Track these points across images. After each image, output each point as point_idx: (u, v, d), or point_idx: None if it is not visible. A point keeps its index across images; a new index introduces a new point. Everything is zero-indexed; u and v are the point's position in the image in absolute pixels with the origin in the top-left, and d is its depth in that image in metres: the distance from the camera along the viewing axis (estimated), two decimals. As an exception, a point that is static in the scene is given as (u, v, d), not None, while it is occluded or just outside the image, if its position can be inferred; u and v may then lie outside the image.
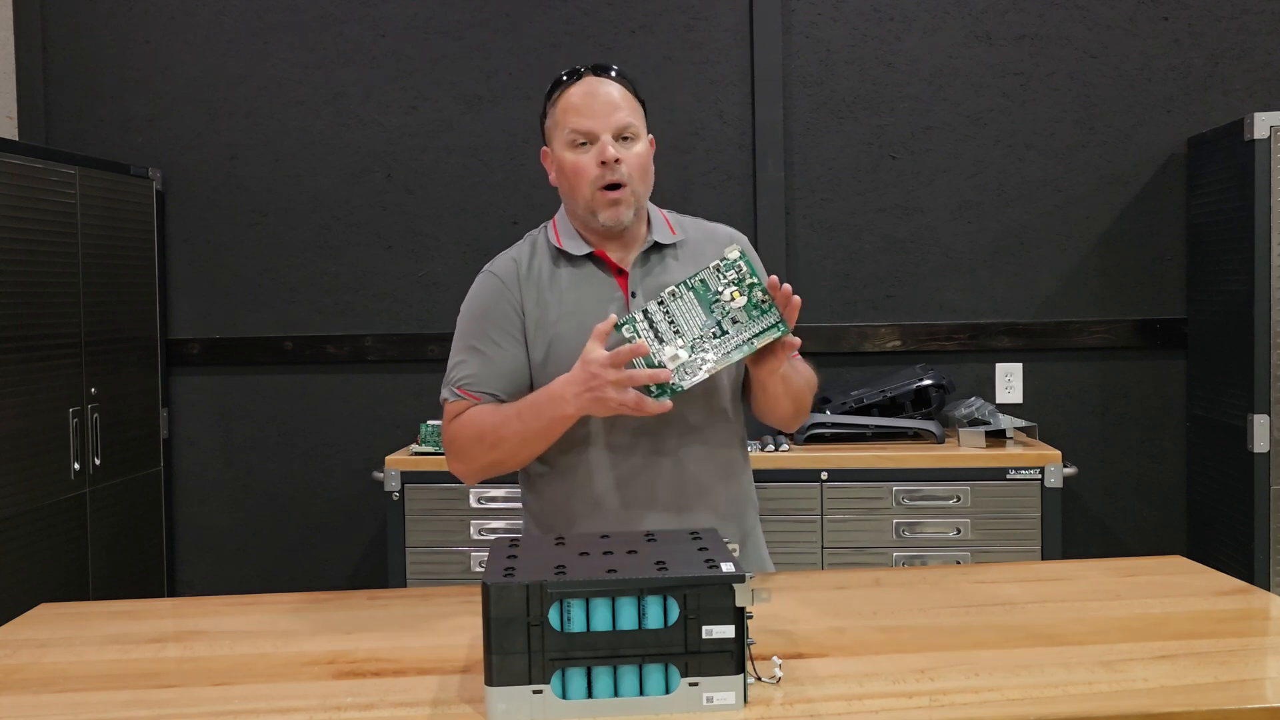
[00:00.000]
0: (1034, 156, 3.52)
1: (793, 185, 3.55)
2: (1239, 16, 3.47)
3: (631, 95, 1.81)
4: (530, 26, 3.57)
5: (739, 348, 1.64)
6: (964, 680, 1.37)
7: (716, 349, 1.64)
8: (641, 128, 1.80)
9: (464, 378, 1.81)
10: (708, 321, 1.64)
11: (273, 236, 3.64)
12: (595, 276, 1.82)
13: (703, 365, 1.64)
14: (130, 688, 1.43)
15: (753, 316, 1.64)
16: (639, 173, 1.78)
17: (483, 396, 1.79)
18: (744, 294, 1.64)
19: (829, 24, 3.53)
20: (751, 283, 1.64)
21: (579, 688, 1.28)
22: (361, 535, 3.66)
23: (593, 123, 1.75)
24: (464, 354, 1.82)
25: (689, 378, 1.63)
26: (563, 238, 1.83)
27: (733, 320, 1.64)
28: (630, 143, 1.77)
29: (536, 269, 1.83)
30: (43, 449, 2.97)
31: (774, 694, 1.33)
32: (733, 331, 1.64)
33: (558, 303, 1.80)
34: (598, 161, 1.75)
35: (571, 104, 1.77)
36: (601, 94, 1.77)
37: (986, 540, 3.03)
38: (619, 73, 1.82)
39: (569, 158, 1.77)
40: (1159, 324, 3.51)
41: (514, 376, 1.80)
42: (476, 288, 1.86)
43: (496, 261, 1.87)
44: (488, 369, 1.80)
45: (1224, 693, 1.31)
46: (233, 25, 3.62)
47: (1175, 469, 3.54)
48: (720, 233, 1.93)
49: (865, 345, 3.53)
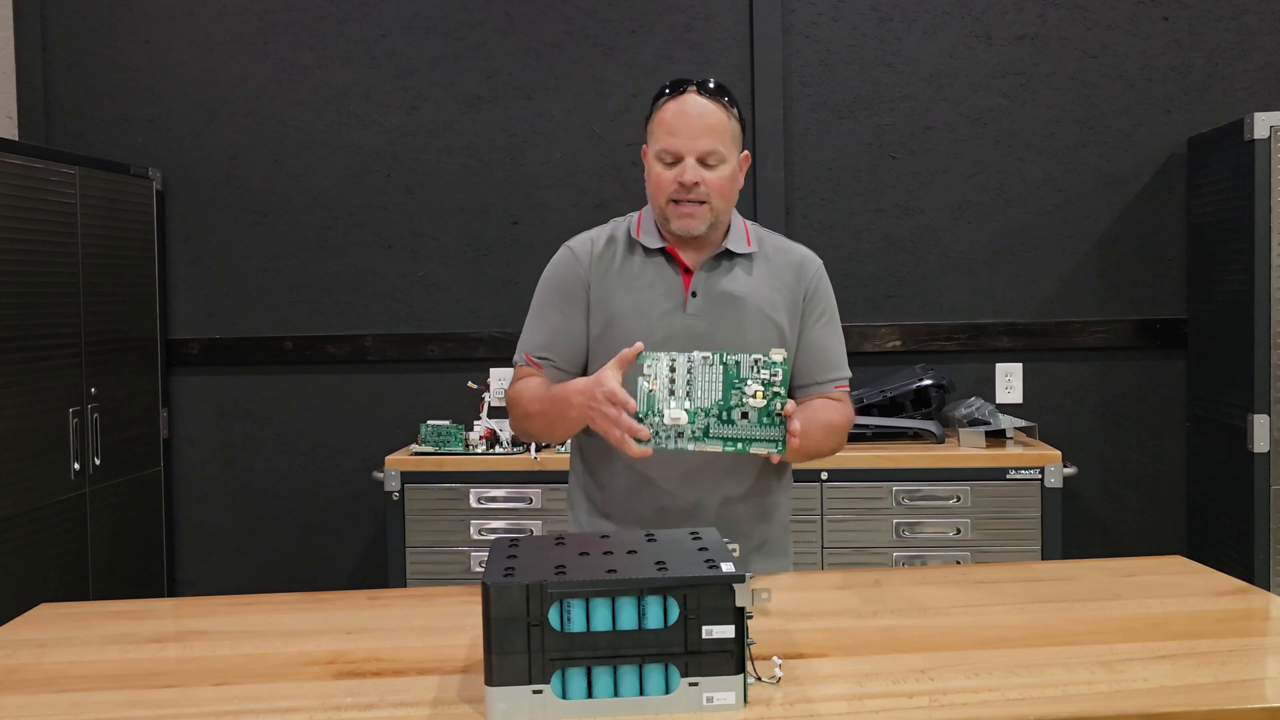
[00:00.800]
0: (1034, 156, 3.52)
1: (793, 185, 3.55)
2: (1239, 16, 3.47)
3: (729, 116, 1.85)
4: (530, 26, 3.57)
5: (731, 443, 1.62)
6: (964, 680, 1.36)
7: (713, 432, 1.62)
8: (731, 151, 1.85)
9: (531, 343, 1.94)
10: (721, 403, 1.62)
11: (273, 236, 3.64)
12: (663, 269, 1.90)
13: (692, 441, 1.62)
14: (130, 688, 1.43)
15: (762, 423, 1.62)
16: (718, 194, 1.84)
17: (544, 365, 1.91)
18: (767, 398, 1.62)
19: (829, 24, 3.53)
20: (778, 392, 1.62)
21: (579, 688, 1.27)
22: (361, 535, 3.66)
23: (679, 144, 1.82)
24: (535, 319, 1.96)
25: (670, 444, 1.63)
26: (643, 231, 1.92)
27: (743, 415, 1.62)
28: (716, 166, 1.83)
29: (611, 252, 1.93)
30: (43, 449, 2.97)
31: (774, 694, 1.33)
32: (737, 425, 1.62)
33: (621, 285, 1.90)
34: (676, 180, 1.82)
35: (665, 120, 1.84)
36: (694, 115, 1.82)
37: (986, 540, 3.03)
38: (720, 90, 1.86)
39: (655, 169, 1.86)
40: (1159, 324, 3.51)
41: (574, 345, 1.91)
42: (557, 258, 1.97)
43: (576, 238, 1.97)
44: (552, 337, 1.92)
45: (1224, 693, 1.31)
46: (233, 25, 3.61)
47: (1175, 469, 3.54)
48: (794, 252, 1.98)
49: (865, 345, 3.53)
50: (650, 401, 1.63)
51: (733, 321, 1.88)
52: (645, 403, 1.63)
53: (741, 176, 1.91)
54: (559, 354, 1.92)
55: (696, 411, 1.62)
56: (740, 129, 1.90)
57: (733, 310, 1.88)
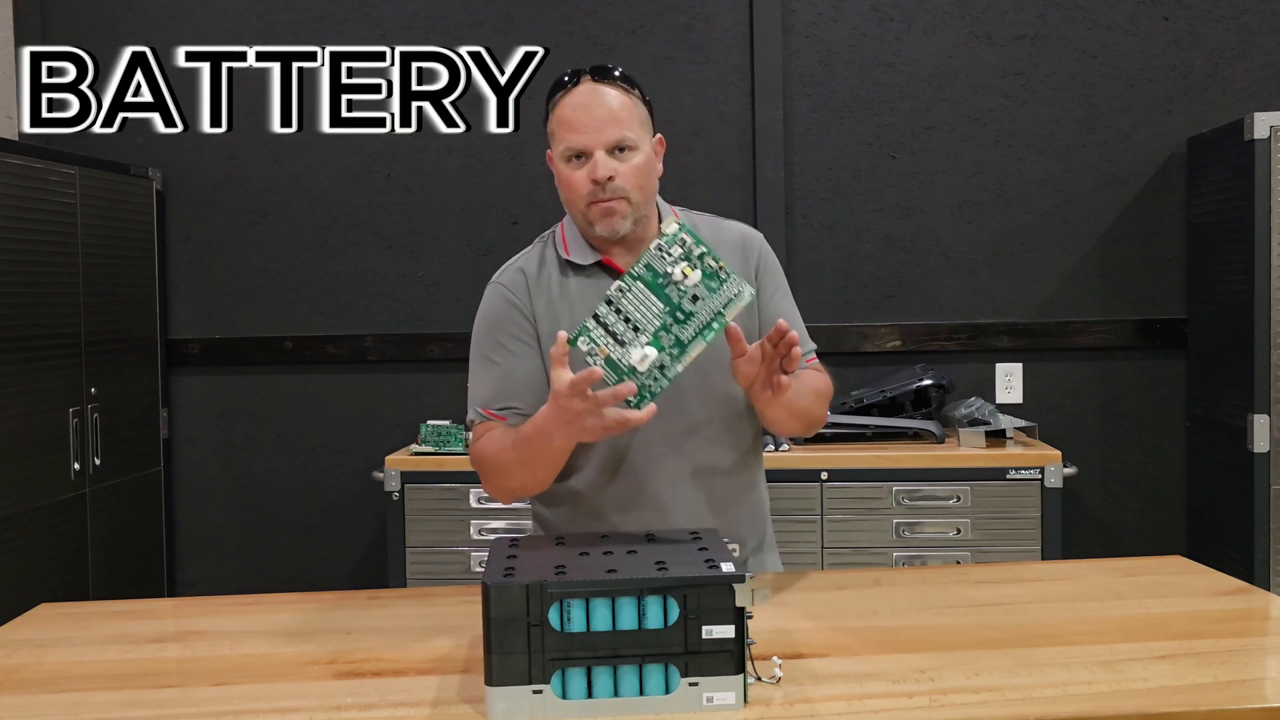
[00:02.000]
0: (1034, 156, 3.52)
1: (792, 185, 3.55)
2: (1239, 16, 3.46)
3: (633, 99, 1.73)
4: (530, 26, 3.56)
5: (708, 327, 1.49)
6: (964, 680, 1.36)
7: (685, 336, 1.49)
8: (641, 136, 1.72)
9: (484, 396, 1.77)
10: (666, 308, 1.49)
11: (273, 236, 3.64)
12: (602, 284, 1.74)
13: (677, 361, 1.49)
14: (130, 688, 1.43)
15: (712, 289, 1.49)
16: (635, 184, 1.71)
17: (508, 414, 1.75)
18: (696, 267, 1.49)
19: (829, 24, 3.53)
20: (701, 252, 1.50)
21: (579, 688, 1.27)
22: (361, 535, 3.66)
23: (585, 138, 1.68)
24: (481, 371, 1.79)
25: (664, 382, 1.50)
26: (570, 247, 1.79)
27: (693, 298, 1.49)
28: (628, 154, 1.70)
29: (546, 279, 1.79)
30: (42, 449, 2.97)
31: (774, 694, 1.33)
32: (697, 310, 1.49)
33: (569, 313, 1.76)
34: (590, 178, 1.69)
35: (565, 116, 1.70)
36: (596, 105, 1.69)
37: (986, 540, 3.03)
38: (620, 75, 1.73)
39: (564, 171, 1.72)
40: (1159, 324, 3.51)
41: (533, 384, 1.76)
42: (487, 301, 1.82)
43: (504, 273, 1.83)
44: (506, 382, 1.76)
45: (1224, 693, 1.31)
46: (233, 25, 3.61)
47: (1175, 469, 3.54)
48: (730, 229, 1.85)
49: (865, 345, 3.53)
50: (614, 366, 1.50)
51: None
52: (612, 372, 1.50)
53: (659, 162, 1.77)
54: (519, 398, 1.75)
55: (657, 334, 1.49)
56: (649, 112, 1.76)
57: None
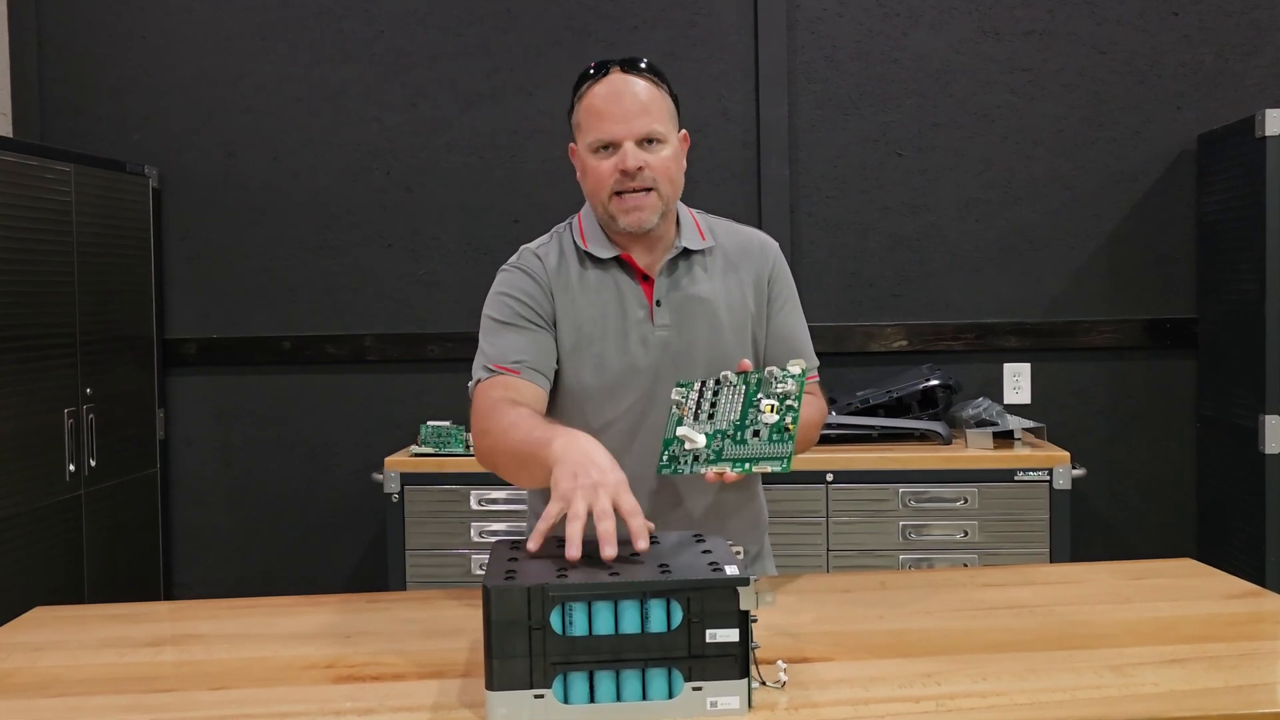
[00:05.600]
0: (1042, 154, 3.50)
1: (798, 183, 3.52)
2: (1249, 12, 3.44)
3: (661, 92, 1.72)
4: (531, 23, 3.55)
5: (739, 463, 1.54)
6: (971, 684, 1.35)
7: (726, 454, 1.54)
8: (670, 129, 1.71)
9: (495, 354, 1.72)
10: (737, 422, 1.55)
11: (271, 235, 3.62)
12: (622, 282, 1.76)
13: (705, 464, 1.55)
14: (126, 692, 1.42)
15: (771, 440, 1.53)
16: (664, 177, 1.70)
17: (520, 368, 1.70)
18: (779, 413, 1.54)
19: (834, 19, 3.51)
20: (791, 406, 1.54)
21: (581, 692, 1.26)
22: (361, 537, 3.64)
23: (615, 129, 1.67)
24: (494, 337, 1.74)
25: (686, 469, 1.56)
26: (588, 239, 1.78)
27: (754, 432, 1.55)
28: (656, 146, 1.69)
29: (565, 268, 1.78)
30: (38, 450, 2.95)
31: (779, 698, 1.32)
32: (749, 443, 1.54)
33: (584, 300, 1.75)
34: (618, 169, 1.68)
35: (594, 106, 1.69)
36: (627, 96, 1.68)
37: (994, 542, 3.00)
38: (648, 66, 1.72)
39: (591, 162, 1.71)
40: (1169, 323, 3.48)
41: (545, 352, 1.73)
42: (502, 279, 1.79)
43: (522, 257, 1.80)
44: (521, 341, 1.72)
45: (1235, 697, 1.30)
46: (230, 21, 3.60)
47: (1185, 471, 3.52)
48: (754, 240, 1.85)
49: (871, 345, 3.51)
50: (672, 424, 1.57)
51: (705, 328, 1.76)
52: (671, 425, 1.57)
53: (684, 159, 1.76)
54: (535, 357, 1.72)
55: (715, 434, 1.55)
56: (675, 107, 1.75)
57: (703, 316, 1.76)
